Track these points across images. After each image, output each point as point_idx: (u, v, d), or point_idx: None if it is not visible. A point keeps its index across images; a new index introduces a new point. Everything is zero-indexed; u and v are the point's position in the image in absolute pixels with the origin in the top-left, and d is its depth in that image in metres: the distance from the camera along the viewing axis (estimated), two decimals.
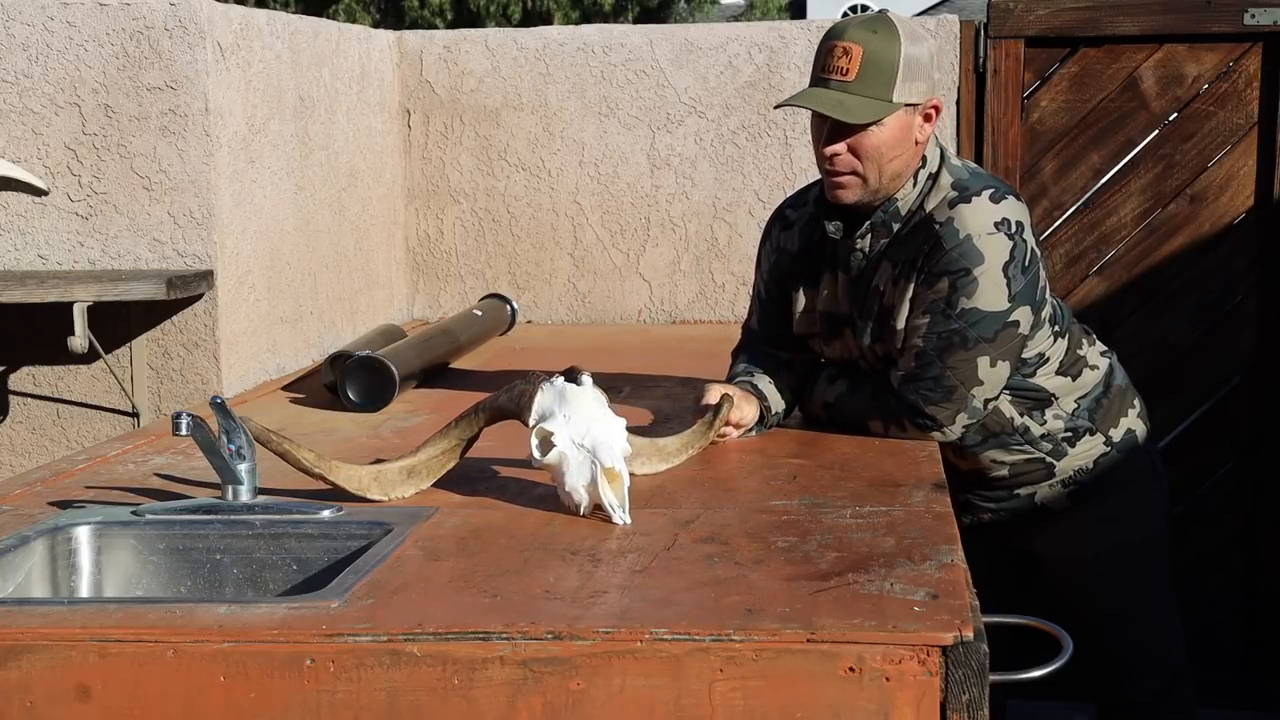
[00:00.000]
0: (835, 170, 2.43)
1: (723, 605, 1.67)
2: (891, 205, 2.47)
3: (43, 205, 3.22)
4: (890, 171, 2.43)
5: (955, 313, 2.42)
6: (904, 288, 2.47)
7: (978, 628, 1.57)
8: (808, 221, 2.64)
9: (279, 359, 3.48)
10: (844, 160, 2.41)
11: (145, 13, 3.14)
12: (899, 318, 2.48)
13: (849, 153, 2.40)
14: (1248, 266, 3.97)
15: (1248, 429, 4.03)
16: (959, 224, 2.42)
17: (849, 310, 2.58)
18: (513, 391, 2.16)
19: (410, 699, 1.59)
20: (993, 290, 2.42)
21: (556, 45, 4.15)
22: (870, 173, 2.42)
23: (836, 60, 2.37)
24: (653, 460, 2.33)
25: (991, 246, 2.41)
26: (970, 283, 2.40)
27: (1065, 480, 2.69)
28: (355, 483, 2.17)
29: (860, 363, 2.63)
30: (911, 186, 2.47)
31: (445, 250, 4.29)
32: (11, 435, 3.32)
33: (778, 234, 2.69)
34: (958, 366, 2.44)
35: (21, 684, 1.63)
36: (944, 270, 2.41)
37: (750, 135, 4.09)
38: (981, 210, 2.43)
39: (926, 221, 2.45)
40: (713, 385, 2.55)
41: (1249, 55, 3.89)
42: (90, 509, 2.19)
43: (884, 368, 2.56)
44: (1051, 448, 2.66)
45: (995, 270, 2.41)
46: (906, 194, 2.47)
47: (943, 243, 2.42)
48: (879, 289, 2.51)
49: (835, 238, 2.53)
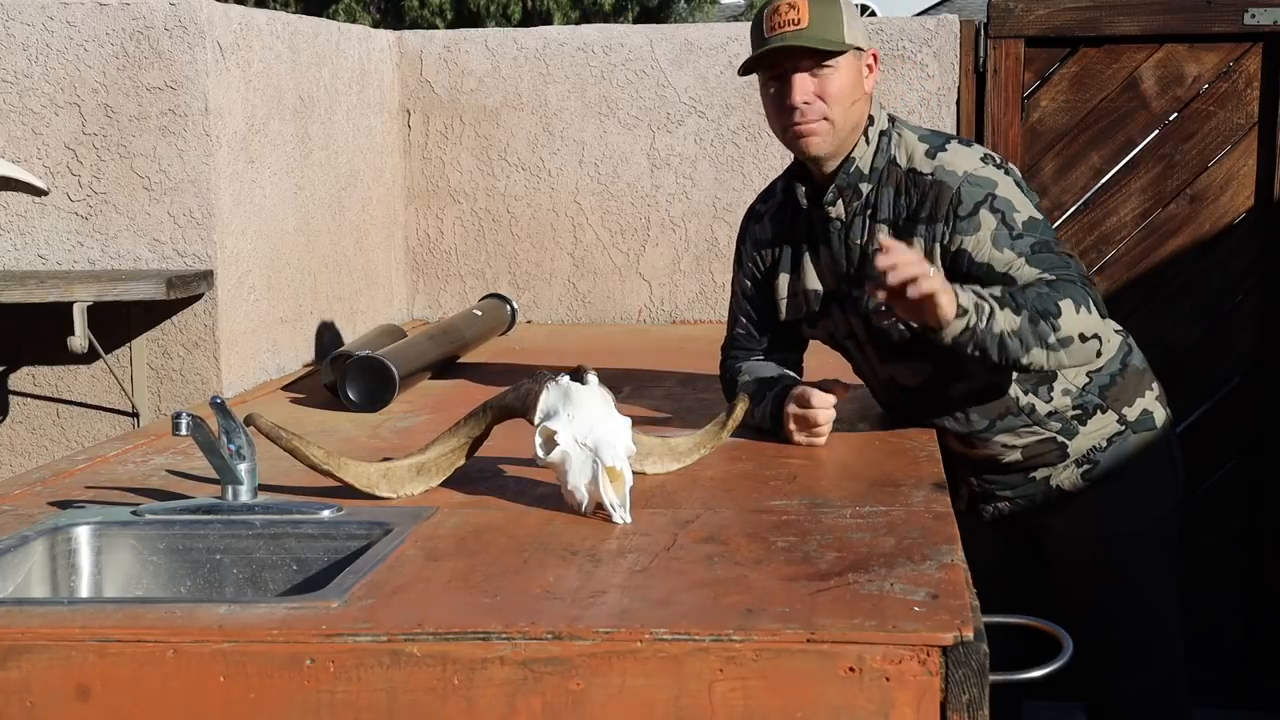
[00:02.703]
0: (804, 119, 2.44)
1: (723, 605, 1.67)
2: (851, 165, 2.50)
3: (43, 205, 3.22)
4: (851, 119, 2.47)
5: (1020, 229, 2.43)
6: (909, 244, 2.44)
7: (978, 628, 1.57)
8: (777, 210, 2.68)
9: (279, 359, 3.48)
10: (815, 108, 2.44)
11: (145, 13, 3.14)
12: None
13: (817, 99, 2.44)
14: (1248, 266, 3.97)
15: (1248, 429, 4.03)
16: (951, 166, 2.46)
17: (835, 284, 2.59)
18: (519, 390, 2.17)
19: (410, 699, 1.59)
20: (1023, 202, 2.45)
21: (556, 45, 4.15)
22: (837, 116, 2.44)
23: (785, 15, 2.42)
24: (664, 460, 2.34)
25: (991, 174, 2.46)
26: (1004, 202, 2.43)
27: (1079, 460, 2.68)
28: (364, 480, 2.17)
29: (848, 342, 2.64)
30: (865, 144, 2.51)
31: (445, 250, 4.29)
32: (11, 435, 3.32)
33: (751, 228, 2.73)
34: (1067, 260, 2.44)
35: (21, 684, 1.63)
36: (972, 205, 2.43)
37: (750, 135, 4.09)
38: (962, 153, 2.49)
39: (913, 175, 2.49)
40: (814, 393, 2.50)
41: (1249, 55, 3.89)
42: (90, 509, 2.19)
43: (876, 340, 2.57)
44: (1061, 426, 2.64)
45: (1010, 187, 2.46)
46: (863, 152, 2.50)
47: (946, 186, 2.45)
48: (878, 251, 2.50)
49: (804, 205, 2.56)
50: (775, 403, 2.54)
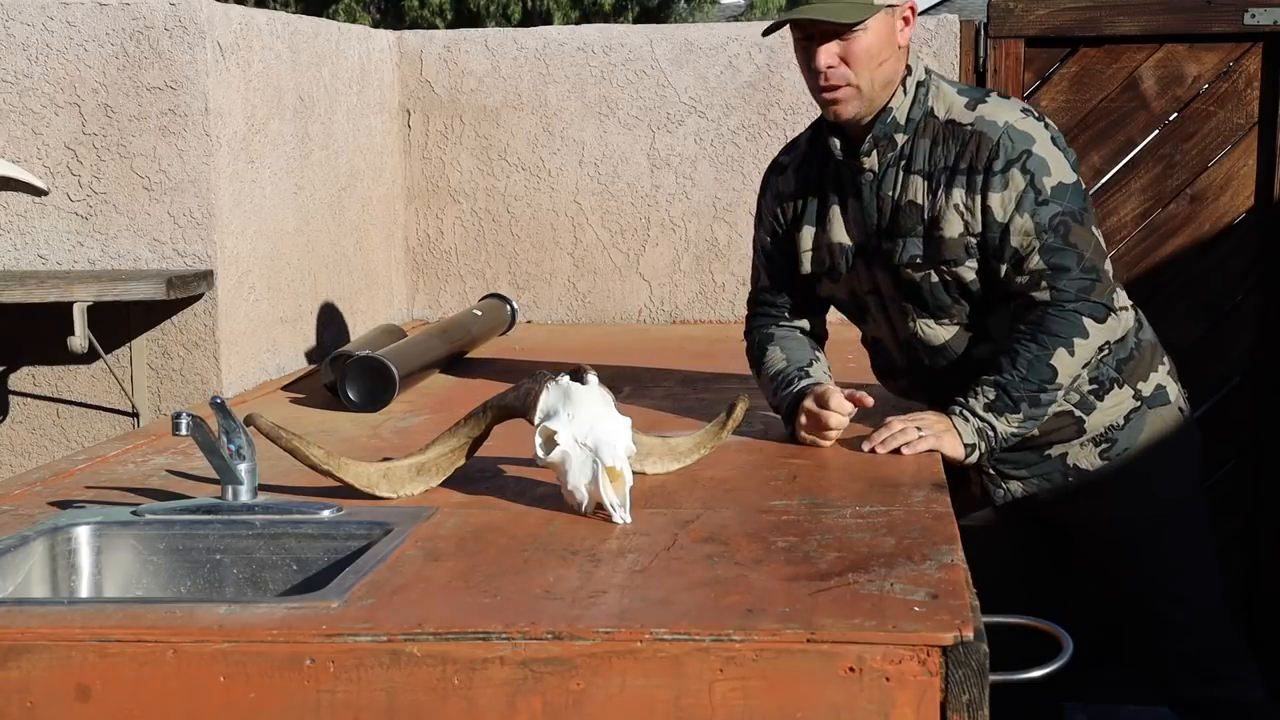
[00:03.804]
0: (830, 85, 2.43)
1: (723, 605, 1.67)
2: (889, 115, 2.49)
3: (43, 205, 3.22)
4: (881, 78, 2.45)
5: (1048, 195, 2.43)
6: (947, 195, 2.47)
7: (978, 628, 1.57)
8: (802, 162, 2.66)
9: (279, 359, 3.48)
10: (838, 73, 2.42)
11: (145, 13, 3.14)
12: (948, 226, 2.47)
13: (841, 63, 2.42)
14: (1248, 266, 3.97)
15: (1248, 429, 4.03)
16: (991, 117, 2.46)
17: (863, 238, 2.57)
18: (519, 390, 2.17)
19: (410, 699, 1.59)
20: (1058, 162, 2.46)
21: (556, 45, 4.15)
22: (863, 80, 2.43)
23: None
24: (665, 460, 2.34)
25: (1031, 127, 2.46)
26: (1039, 161, 2.43)
27: (1096, 438, 2.66)
28: (364, 480, 2.17)
29: (869, 298, 2.61)
30: (904, 94, 2.50)
31: (445, 250, 4.29)
32: (11, 435, 3.32)
33: (773, 181, 2.71)
34: (1084, 243, 2.45)
35: (21, 684, 1.63)
36: (1005, 162, 2.43)
37: (750, 135, 4.09)
38: (1003, 104, 2.50)
39: (951, 125, 2.48)
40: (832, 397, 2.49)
41: (1249, 55, 3.89)
42: (90, 509, 2.19)
43: (904, 296, 2.55)
44: (1079, 399, 2.61)
45: (1048, 144, 2.46)
46: (900, 102, 2.49)
47: (986, 137, 2.45)
48: (915, 203, 2.50)
49: (839, 157, 2.53)
50: (796, 400, 2.54)
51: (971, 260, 2.49)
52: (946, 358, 2.60)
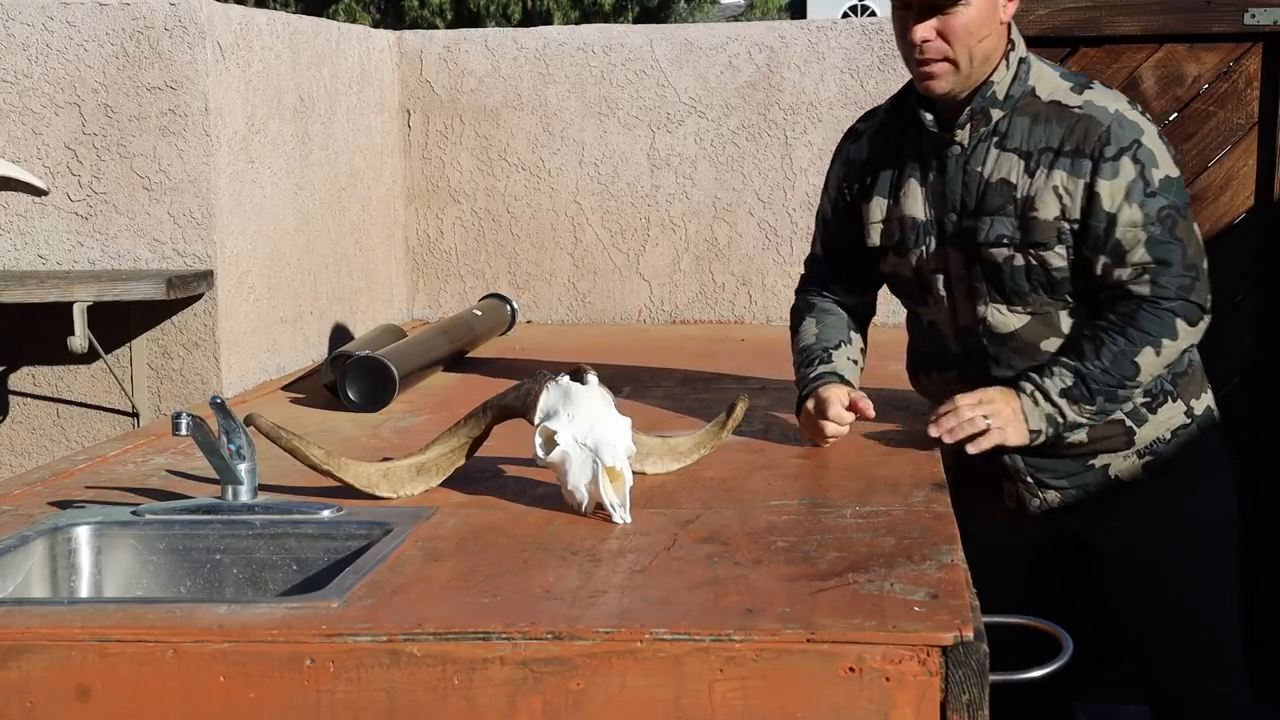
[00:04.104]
0: (925, 59, 2.35)
1: (723, 605, 1.67)
2: (989, 89, 2.40)
3: (43, 205, 3.22)
4: (980, 54, 2.36)
5: (1156, 187, 2.38)
6: (1047, 176, 2.38)
7: (978, 628, 1.57)
8: (879, 130, 2.58)
9: (279, 359, 3.48)
10: (934, 46, 2.34)
11: (145, 13, 3.14)
12: (1044, 208, 2.38)
13: (938, 38, 2.33)
14: (1248, 266, 3.97)
15: (1248, 429, 4.03)
16: (1101, 103, 2.40)
17: (941, 213, 2.48)
18: (519, 390, 2.17)
19: (410, 699, 1.59)
20: (1164, 156, 2.40)
21: (556, 45, 4.15)
22: (961, 56, 2.35)
23: None
24: (665, 460, 2.34)
25: (1138, 119, 2.41)
26: (1148, 153, 2.38)
27: (1141, 451, 2.55)
28: (364, 480, 2.17)
29: (935, 277, 2.52)
30: (1005, 69, 2.41)
31: (445, 250, 4.29)
32: (11, 435, 3.32)
33: (846, 148, 2.64)
34: (1188, 239, 2.40)
35: (21, 684, 1.63)
36: (1117, 149, 2.37)
37: (750, 135, 4.09)
38: (1108, 93, 2.44)
39: (1056, 107, 2.40)
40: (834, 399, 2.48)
41: (1249, 55, 3.89)
42: (90, 509, 2.19)
43: (979, 277, 2.46)
44: (1132, 409, 2.50)
45: (1155, 136, 2.41)
46: (1002, 76, 2.41)
47: (1097, 122, 2.38)
48: (1008, 181, 2.41)
49: (931, 129, 2.44)
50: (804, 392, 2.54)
51: (1061, 246, 2.39)
52: (1011, 347, 2.49)
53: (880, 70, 3.99)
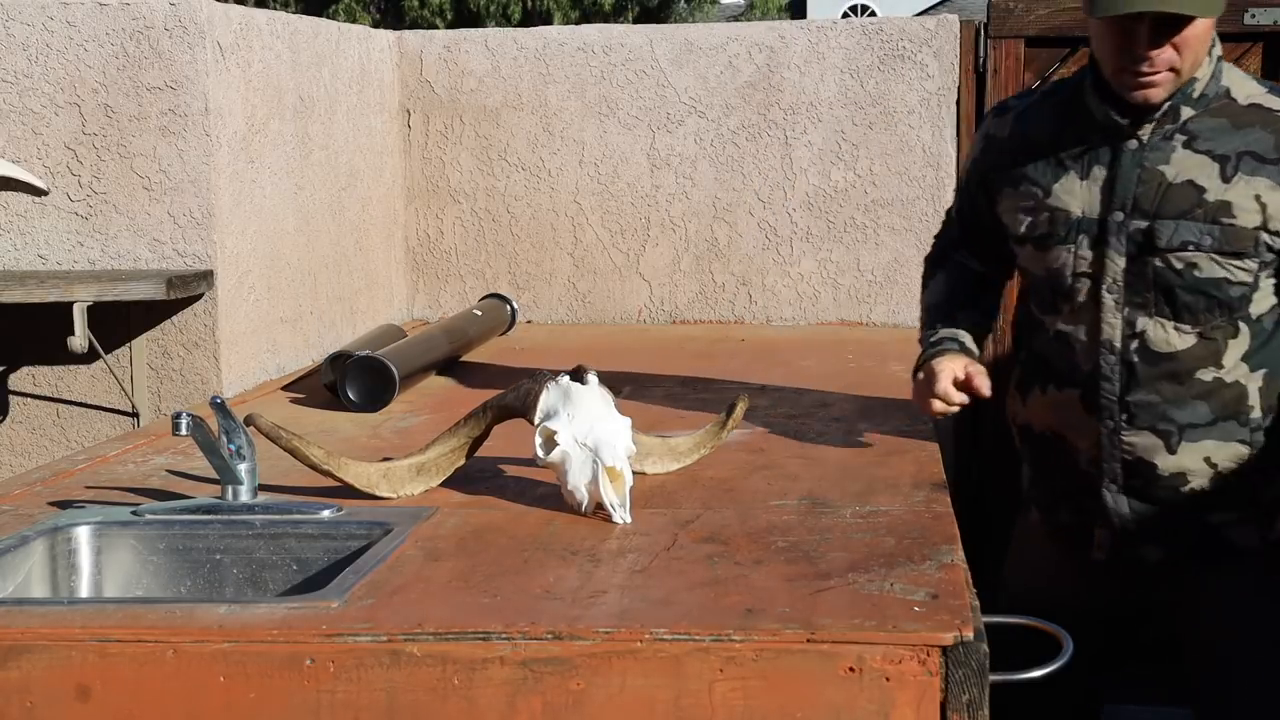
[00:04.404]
0: (1153, 70, 2.18)
1: (723, 605, 1.67)
2: (1190, 87, 2.23)
3: (43, 205, 3.22)
4: (1200, 60, 2.23)
5: None
6: (1247, 183, 2.22)
7: (978, 628, 1.57)
8: (1027, 109, 2.41)
9: (279, 359, 3.48)
10: (1165, 58, 2.17)
11: (145, 13, 3.14)
12: (1242, 215, 2.21)
13: (1170, 47, 2.17)
14: None
15: None
16: None
17: (1102, 210, 2.27)
18: (519, 390, 2.17)
19: (410, 699, 1.59)
20: None
21: (556, 45, 4.15)
22: (1186, 64, 2.19)
23: None
24: (664, 460, 2.34)
25: None
26: None
27: (1259, 515, 2.31)
28: (364, 480, 2.17)
29: (1080, 281, 2.29)
30: (1207, 64, 2.25)
31: (445, 250, 4.29)
32: (11, 435, 3.32)
33: (990, 122, 2.49)
34: None
35: (21, 684, 1.63)
36: None
37: (750, 135, 4.09)
38: None
39: (1259, 110, 2.25)
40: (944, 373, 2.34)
41: (1249, 55, 3.89)
42: (90, 509, 2.19)
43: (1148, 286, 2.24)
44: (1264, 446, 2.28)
45: None
46: (1204, 72, 2.24)
47: None
48: (1196, 184, 2.23)
49: (1120, 121, 2.25)
50: (927, 353, 2.42)
51: (1253, 260, 2.22)
52: (1165, 371, 2.26)
53: (880, 70, 3.99)
